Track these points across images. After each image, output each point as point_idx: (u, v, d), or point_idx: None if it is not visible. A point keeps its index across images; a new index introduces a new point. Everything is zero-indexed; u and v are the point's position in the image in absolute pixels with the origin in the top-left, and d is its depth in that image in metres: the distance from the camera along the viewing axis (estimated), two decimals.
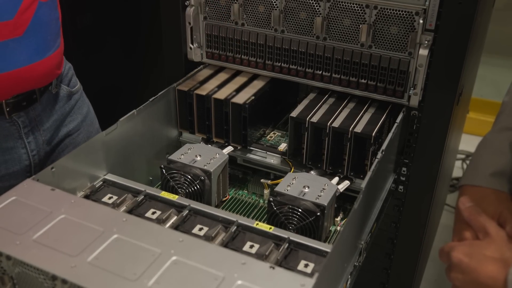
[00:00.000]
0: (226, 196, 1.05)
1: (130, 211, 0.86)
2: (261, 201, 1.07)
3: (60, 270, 0.62)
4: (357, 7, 0.99)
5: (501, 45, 2.39)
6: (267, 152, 1.10)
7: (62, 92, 1.09)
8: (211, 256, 0.66)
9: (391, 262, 1.22)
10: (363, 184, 0.82)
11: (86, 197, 0.89)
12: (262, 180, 1.08)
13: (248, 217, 1.02)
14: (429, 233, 1.29)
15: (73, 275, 0.62)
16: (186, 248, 0.67)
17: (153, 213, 0.85)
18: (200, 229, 0.82)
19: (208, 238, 0.79)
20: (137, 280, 0.62)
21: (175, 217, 0.85)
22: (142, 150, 1.05)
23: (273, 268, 0.64)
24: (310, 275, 0.73)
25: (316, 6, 1.02)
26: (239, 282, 0.62)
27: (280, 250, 0.78)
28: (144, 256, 0.65)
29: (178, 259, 0.65)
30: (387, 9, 0.96)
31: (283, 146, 1.10)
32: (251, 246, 0.79)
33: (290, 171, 1.05)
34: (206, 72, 1.17)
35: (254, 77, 1.15)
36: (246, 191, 1.11)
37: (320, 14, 1.02)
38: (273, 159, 1.09)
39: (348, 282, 0.84)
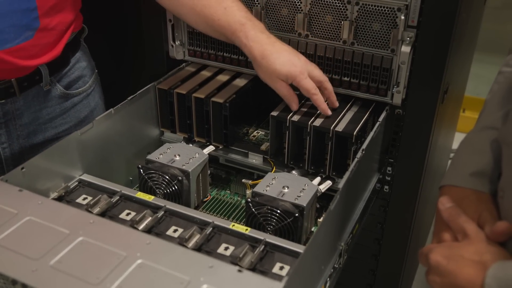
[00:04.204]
0: (207, 197, 1.03)
1: (104, 212, 0.84)
2: (243, 201, 1.05)
3: (21, 274, 0.61)
4: (338, 3, 0.97)
5: (498, 44, 2.36)
6: (249, 152, 1.07)
7: (55, 92, 1.04)
8: (178, 259, 0.64)
9: (378, 263, 1.20)
10: (340, 184, 0.80)
11: (60, 198, 0.87)
12: (243, 180, 1.05)
13: (228, 218, 1.00)
14: (417, 233, 1.27)
15: (33, 279, 0.60)
16: (153, 251, 0.65)
17: (128, 214, 0.84)
18: (175, 231, 0.81)
19: (182, 239, 0.77)
20: (100, 284, 0.60)
21: (149, 218, 0.83)
22: (121, 149, 1.03)
23: (241, 271, 0.62)
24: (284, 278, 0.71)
25: (298, 2, 1.00)
26: (205, 286, 0.60)
27: (255, 252, 0.76)
28: (108, 260, 0.63)
29: (143, 263, 0.63)
30: (368, 5, 0.94)
31: (266, 146, 1.08)
32: (226, 248, 0.77)
33: (271, 171, 1.03)
34: (188, 71, 1.15)
35: (236, 75, 1.13)
36: (228, 191, 1.09)
37: (302, 10, 1.00)
38: (255, 159, 1.07)
39: (328, 285, 0.82)
